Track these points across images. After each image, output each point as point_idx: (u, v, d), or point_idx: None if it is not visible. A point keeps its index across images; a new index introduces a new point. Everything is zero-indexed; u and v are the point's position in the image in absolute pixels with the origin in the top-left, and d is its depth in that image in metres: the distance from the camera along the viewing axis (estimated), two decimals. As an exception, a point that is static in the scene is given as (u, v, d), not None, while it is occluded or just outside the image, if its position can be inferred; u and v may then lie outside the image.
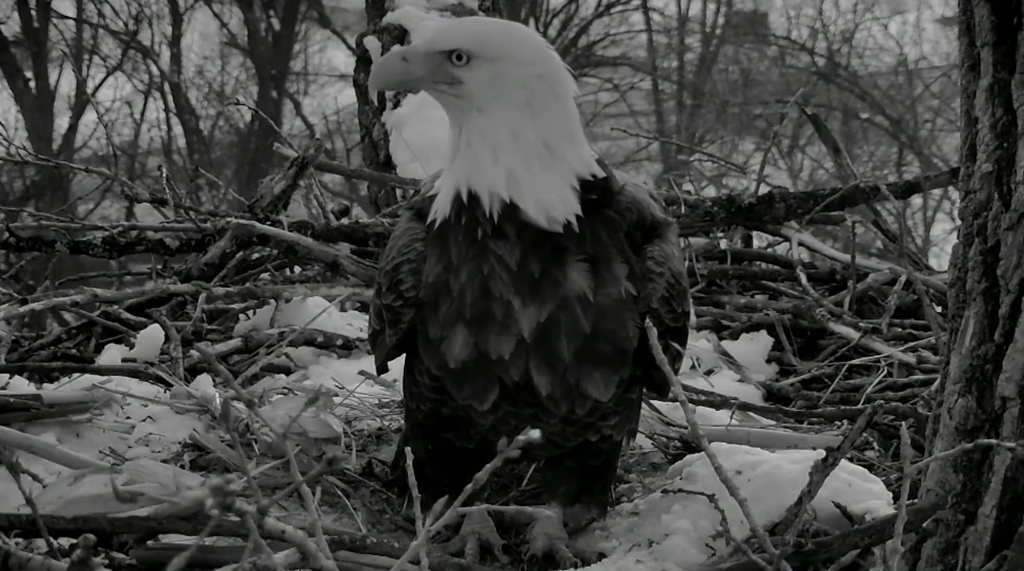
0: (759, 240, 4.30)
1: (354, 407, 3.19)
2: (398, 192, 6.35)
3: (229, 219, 4.37)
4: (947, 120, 15.51)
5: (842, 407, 3.03)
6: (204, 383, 2.88)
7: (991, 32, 1.72)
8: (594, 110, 20.15)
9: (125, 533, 2.06)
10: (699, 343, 3.48)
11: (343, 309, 4.70)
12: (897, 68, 18.12)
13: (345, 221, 5.12)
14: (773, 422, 2.95)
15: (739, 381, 3.29)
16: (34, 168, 14.75)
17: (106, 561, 1.89)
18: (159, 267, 4.40)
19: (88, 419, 2.77)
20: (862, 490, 2.35)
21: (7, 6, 20.08)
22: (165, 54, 20.06)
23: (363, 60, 6.68)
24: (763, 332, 3.52)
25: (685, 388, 2.53)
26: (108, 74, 20.14)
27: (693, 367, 3.36)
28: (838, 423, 2.89)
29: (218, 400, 2.61)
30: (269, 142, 12.60)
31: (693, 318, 3.56)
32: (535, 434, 1.60)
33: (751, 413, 3.00)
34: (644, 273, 2.66)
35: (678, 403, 1.90)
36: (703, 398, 2.96)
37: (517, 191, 2.56)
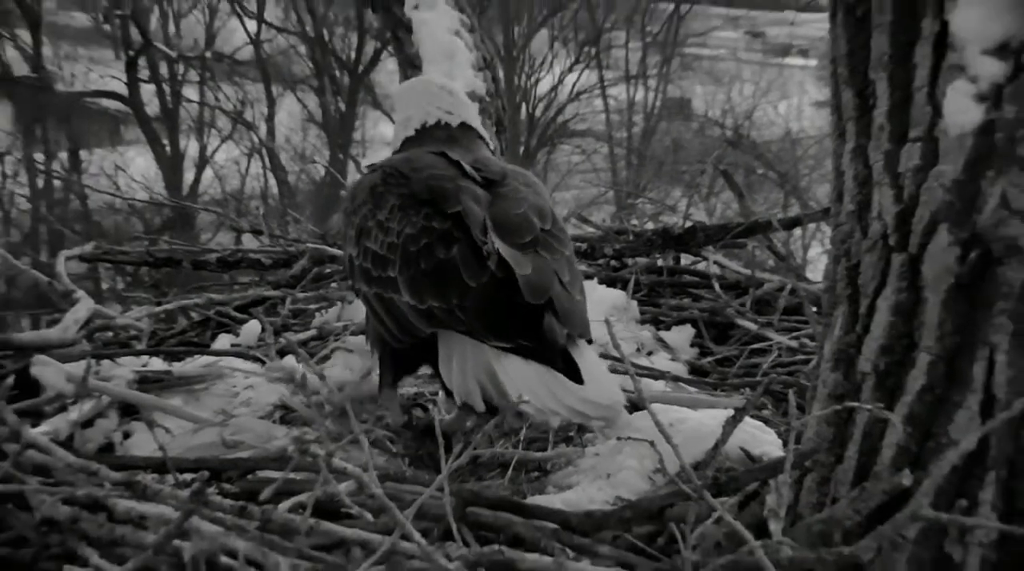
0: (685, 259, 4.30)
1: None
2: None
3: (307, 245, 4.37)
4: (820, 174, 15.57)
5: (745, 379, 3.03)
6: (289, 361, 2.87)
7: (854, 110, 1.73)
8: (568, 168, 20.21)
9: (230, 470, 2.05)
10: (643, 333, 3.46)
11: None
12: (784, 137, 18.29)
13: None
14: (696, 389, 2.94)
15: (671, 360, 3.27)
16: (168, 209, 14.80)
17: (216, 491, 1.87)
18: (257, 278, 4.40)
19: (205, 388, 2.76)
20: (761, 439, 2.34)
21: (150, 93, 20.11)
22: (263, 127, 20.08)
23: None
24: (688, 325, 3.51)
25: (633, 364, 2.51)
26: (222, 142, 20.17)
27: (638, 350, 3.34)
28: (742, 390, 2.89)
29: (299, 373, 2.60)
30: (337, 190, 12.66)
31: (637, 314, 3.55)
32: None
33: (680, 383, 2.99)
34: None
35: (629, 376, 1.89)
36: (646, 372, 2.95)
37: None
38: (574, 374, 2.07)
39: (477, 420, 2.29)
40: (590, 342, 2.27)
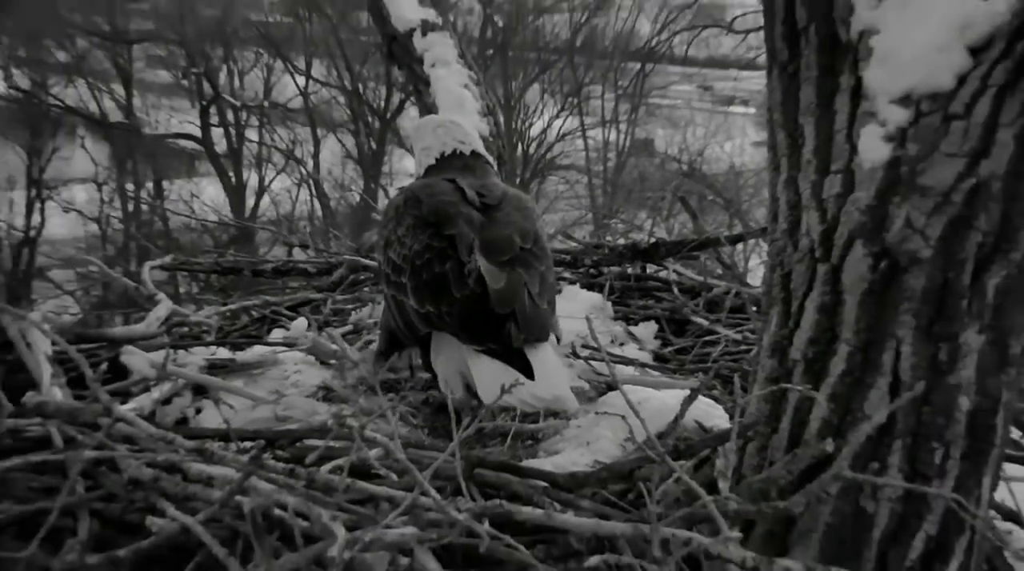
0: (650, 268, 4.29)
1: (418, 365, 3.18)
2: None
3: (345, 257, 4.35)
4: (758, 200, 15.59)
5: (699, 365, 3.02)
6: (328, 342, 2.87)
7: (786, 148, 1.72)
8: (555, 195, 20.23)
9: (282, 439, 2.04)
10: (615, 327, 3.45)
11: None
12: (729, 170, 18.33)
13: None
14: (659, 373, 2.93)
15: (639, 349, 3.26)
16: (233, 228, 14.79)
17: (270, 456, 1.87)
18: (304, 284, 4.38)
19: (261, 372, 2.75)
20: (712, 414, 2.33)
21: (219, 135, 20.16)
22: (310, 162, 20.12)
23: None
24: (652, 321, 3.50)
25: (608, 353, 2.51)
26: (276, 174, 20.20)
27: (612, 341, 3.33)
28: (697, 374, 2.88)
29: (337, 352, 2.60)
30: (369, 213, 12.69)
31: (611, 312, 3.53)
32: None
33: (646, 368, 2.98)
34: None
35: (605, 362, 1.90)
36: (618, 359, 2.94)
37: None
38: (528, 372, 2.07)
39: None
40: (559, 340, 2.30)
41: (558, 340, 2.38)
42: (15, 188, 17.94)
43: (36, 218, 17.74)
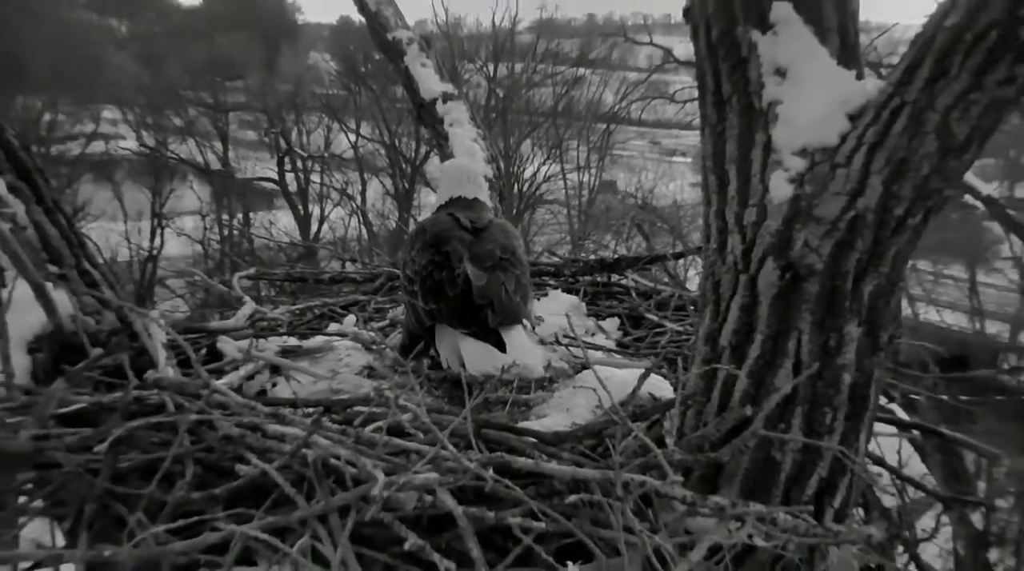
0: (615, 278, 4.25)
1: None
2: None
3: (384, 269, 4.32)
4: (695, 226, 15.56)
5: (651, 350, 2.99)
6: (368, 332, 2.84)
7: (716, 188, 1.71)
8: (542, 222, 20.20)
9: (336, 407, 2.01)
10: (588, 322, 3.42)
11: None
12: (673, 204, 18.28)
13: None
14: (621, 357, 2.91)
15: (606, 339, 3.24)
16: (301, 247, 14.75)
17: (328, 419, 1.85)
18: (353, 289, 4.35)
19: (321, 356, 2.72)
20: (661, 387, 2.29)
21: (291, 178, 20.14)
22: (359, 198, 20.07)
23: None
24: (616, 318, 3.47)
25: (583, 341, 2.50)
26: (333, 207, 20.13)
27: (585, 332, 3.30)
28: (650, 357, 2.85)
29: (377, 347, 2.58)
30: (401, 237, 12.69)
31: (585, 310, 3.49)
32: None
33: (611, 353, 2.96)
34: None
35: (580, 348, 1.88)
36: (590, 346, 2.91)
37: None
38: (501, 347, 2.09)
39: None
40: (534, 328, 2.31)
41: (534, 328, 2.37)
42: (142, 219, 18.28)
43: (157, 241, 18.06)
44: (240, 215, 19.96)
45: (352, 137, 20.76)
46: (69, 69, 18.05)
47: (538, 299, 3.26)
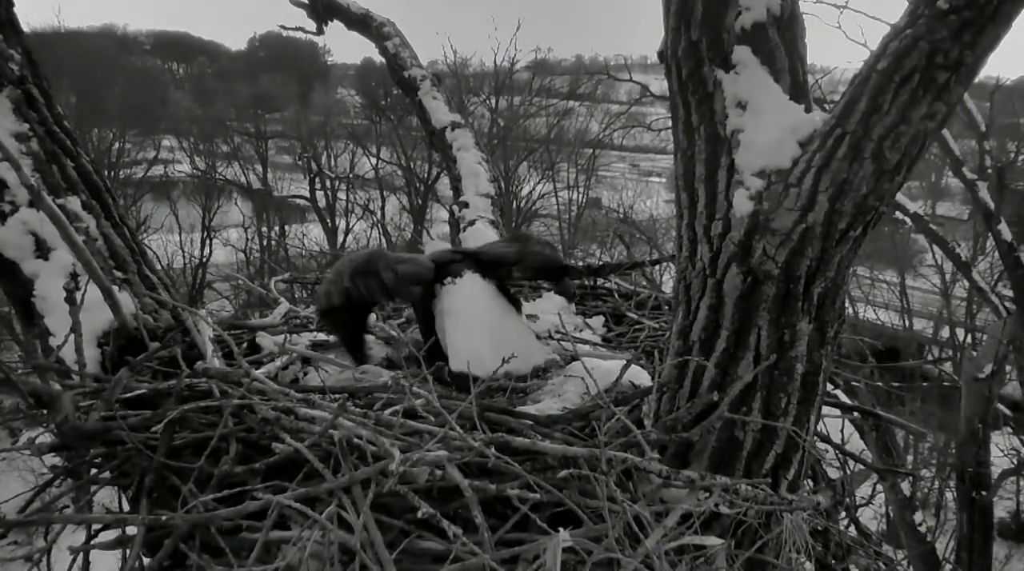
0: (600, 281, 4.24)
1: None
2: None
3: (402, 274, 4.30)
4: (669, 237, 15.51)
5: (632, 345, 2.97)
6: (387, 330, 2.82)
7: (687, 204, 1.71)
8: (537, 236, 20.10)
9: (359, 393, 2.00)
10: (577, 319, 3.41)
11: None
12: (650, 218, 17.82)
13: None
14: (605, 350, 2.90)
15: (592, 334, 3.23)
16: (329, 255, 14.74)
17: (351, 403, 1.84)
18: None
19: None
20: (641, 376, 2.27)
21: (321, 196, 20.15)
22: (379, 213, 20.04)
23: (453, 224, 6.54)
24: (601, 316, 3.46)
25: (572, 336, 2.49)
26: (357, 220, 20.08)
27: (575, 328, 3.29)
28: (631, 351, 2.84)
29: (395, 341, 2.57)
30: (416, 247, 12.68)
31: (574, 310, 3.48)
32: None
33: (597, 347, 2.95)
34: None
35: (571, 342, 1.87)
36: (579, 340, 2.90)
37: None
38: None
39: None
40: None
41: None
42: (194, 231, 18.42)
43: (206, 250, 18.14)
44: (277, 228, 19.98)
45: (373, 160, 20.80)
46: (136, 106, 18.55)
47: (533, 300, 3.24)
